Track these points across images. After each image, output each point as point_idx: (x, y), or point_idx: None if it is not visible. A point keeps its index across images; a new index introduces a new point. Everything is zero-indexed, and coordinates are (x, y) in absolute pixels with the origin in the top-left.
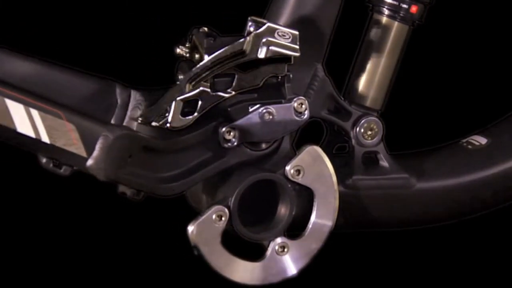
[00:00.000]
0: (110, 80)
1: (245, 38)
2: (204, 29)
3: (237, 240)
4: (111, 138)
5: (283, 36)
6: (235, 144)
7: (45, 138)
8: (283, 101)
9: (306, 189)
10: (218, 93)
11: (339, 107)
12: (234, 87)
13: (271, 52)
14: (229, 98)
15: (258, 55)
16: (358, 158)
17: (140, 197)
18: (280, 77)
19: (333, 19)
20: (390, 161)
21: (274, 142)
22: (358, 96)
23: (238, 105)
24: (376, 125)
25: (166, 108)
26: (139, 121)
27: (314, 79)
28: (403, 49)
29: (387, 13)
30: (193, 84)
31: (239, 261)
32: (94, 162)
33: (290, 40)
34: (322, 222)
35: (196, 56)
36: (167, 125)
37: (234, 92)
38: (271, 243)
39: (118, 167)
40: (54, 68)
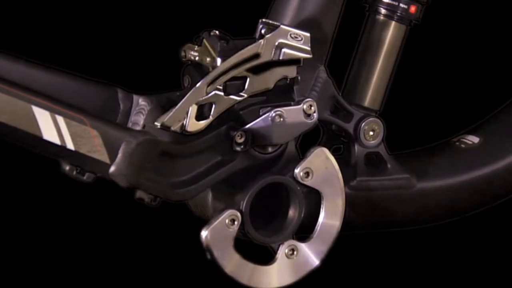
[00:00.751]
0: (111, 85)
1: (259, 41)
2: (215, 32)
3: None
4: (134, 143)
5: (296, 38)
6: (247, 147)
7: (70, 145)
8: (292, 103)
9: (313, 191)
10: (231, 96)
11: (341, 109)
12: (246, 90)
13: (285, 54)
14: (240, 102)
15: (272, 58)
16: (361, 159)
17: (156, 203)
18: (289, 79)
19: (335, 21)
20: (392, 161)
21: (281, 145)
22: (356, 96)
23: (249, 108)
24: (377, 126)
25: (186, 112)
26: (159, 126)
27: (317, 81)
28: (401, 49)
29: (384, 13)
30: (208, 88)
31: (251, 265)
32: (117, 168)
33: (302, 42)
34: (330, 223)
35: (207, 59)
36: (185, 129)
37: (246, 95)
38: (281, 246)
39: (139, 173)
40: (53, 73)
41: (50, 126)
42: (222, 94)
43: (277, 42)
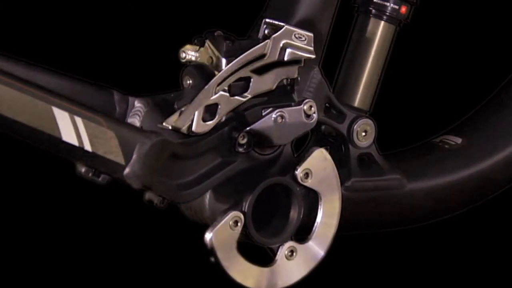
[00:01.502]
0: (107, 87)
1: (266, 41)
2: (219, 32)
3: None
4: (148, 144)
5: (300, 38)
6: (249, 148)
7: (87, 146)
8: (293, 104)
9: (311, 191)
10: (236, 97)
11: (334, 110)
12: (250, 91)
13: (290, 54)
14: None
15: (276, 58)
16: (354, 160)
17: (164, 204)
18: (289, 79)
19: (329, 22)
20: (383, 162)
21: (279, 146)
22: (346, 97)
23: (252, 109)
24: (369, 126)
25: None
26: (170, 127)
27: (312, 82)
28: (390, 49)
29: (374, 13)
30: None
31: (254, 267)
32: (132, 169)
33: (306, 42)
34: (328, 224)
35: (210, 60)
36: (191, 130)
37: (250, 96)
38: (280, 248)
39: (152, 174)
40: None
41: (69, 127)
42: (227, 95)
43: (282, 43)
